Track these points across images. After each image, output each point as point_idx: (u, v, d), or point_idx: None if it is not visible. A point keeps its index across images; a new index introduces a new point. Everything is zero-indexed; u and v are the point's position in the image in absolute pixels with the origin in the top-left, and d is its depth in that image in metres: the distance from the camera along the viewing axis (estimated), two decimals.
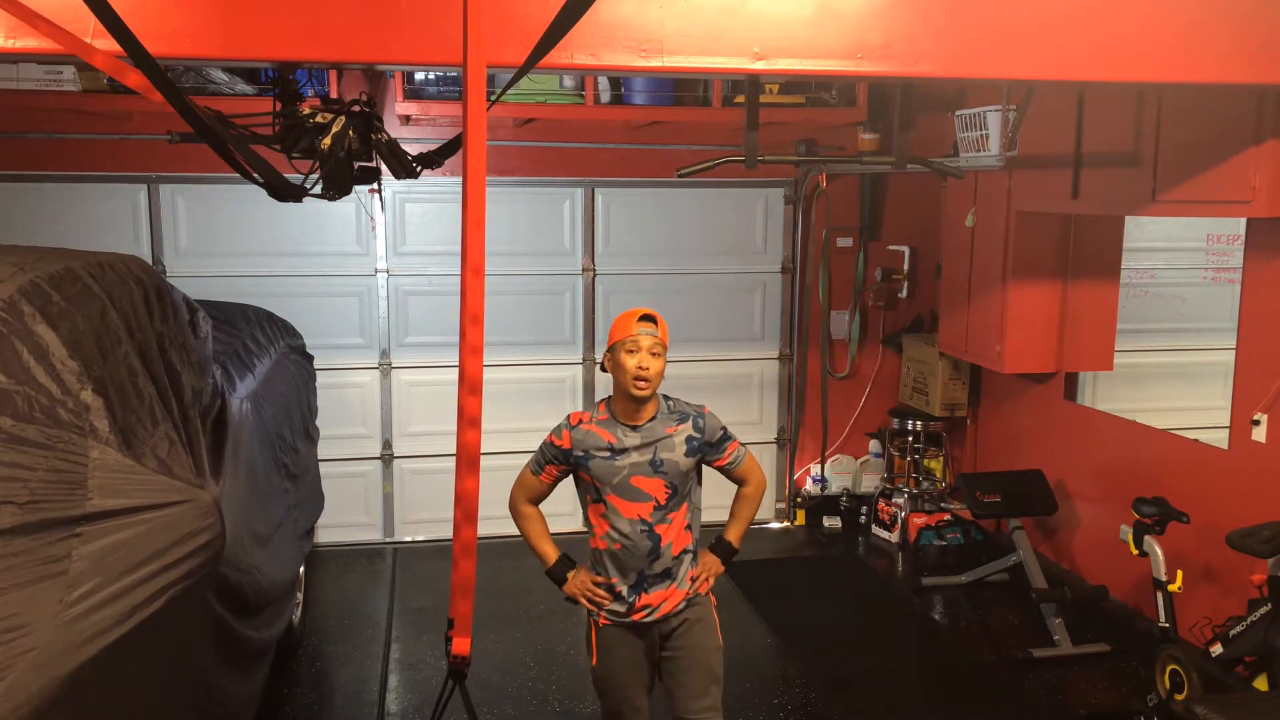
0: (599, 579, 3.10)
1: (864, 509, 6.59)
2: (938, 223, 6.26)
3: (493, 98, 2.79)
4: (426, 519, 6.26)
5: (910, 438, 6.39)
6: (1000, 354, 5.45)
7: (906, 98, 4.17)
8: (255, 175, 3.01)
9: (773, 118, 5.50)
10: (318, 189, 3.26)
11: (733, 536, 3.24)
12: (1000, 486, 5.31)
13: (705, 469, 3.20)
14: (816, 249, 6.48)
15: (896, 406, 6.60)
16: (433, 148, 3.45)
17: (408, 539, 6.26)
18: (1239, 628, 3.84)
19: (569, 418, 3.11)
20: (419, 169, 3.42)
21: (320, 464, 5.31)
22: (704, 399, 3.34)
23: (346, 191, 3.28)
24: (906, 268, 6.55)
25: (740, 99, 5.00)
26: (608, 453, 3.02)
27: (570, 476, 3.18)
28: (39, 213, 5.67)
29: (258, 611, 3.35)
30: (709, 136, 6.07)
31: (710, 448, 3.13)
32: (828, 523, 6.60)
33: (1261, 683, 3.79)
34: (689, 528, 3.12)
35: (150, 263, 5.15)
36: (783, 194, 6.45)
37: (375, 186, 5.08)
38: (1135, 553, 4.32)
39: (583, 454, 3.04)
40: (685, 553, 3.10)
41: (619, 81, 5.52)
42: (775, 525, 6.66)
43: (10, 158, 5.63)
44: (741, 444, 3.23)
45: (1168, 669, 4.14)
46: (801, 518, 6.64)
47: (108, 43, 2.29)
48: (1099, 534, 5.21)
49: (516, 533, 3.21)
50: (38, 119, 5.55)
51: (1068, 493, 5.45)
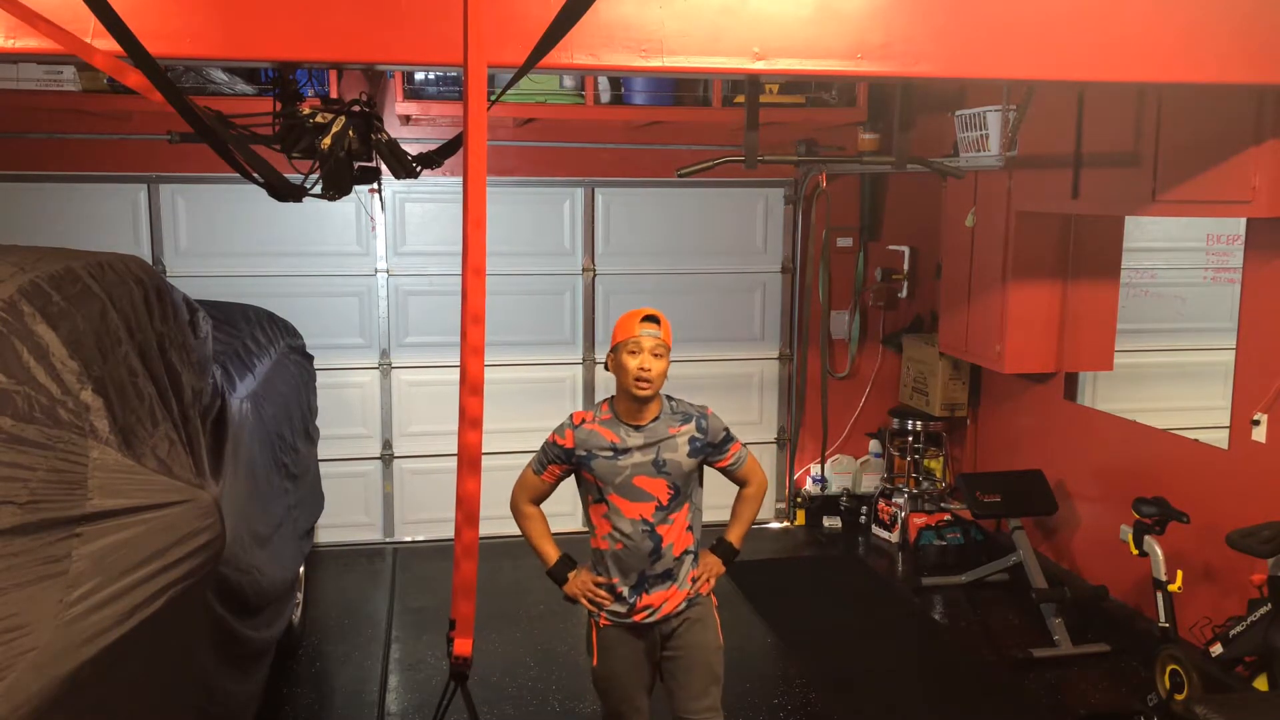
0: (600, 579, 3.10)
1: (864, 509, 6.59)
2: (938, 223, 6.26)
3: (493, 98, 2.79)
4: (426, 519, 6.26)
5: (910, 438, 6.39)
6: (1000, 354, 5.45)
7: (906, 98, 4.17)
8: (255, 175, 3.01)
9: (773, 118, 5.50)
10: (318, 189, 3.26)
11: (734, 537, 3.24)
12: (1000, 486, 5.31)
13: (707, 470, 3.20)
14: (816, 249, 6.48)
15: (896, 406, 6.60)
16: (433, 148, 3.45)
17: (408, 539, 6.27)
18: (1239, 628, 3.84)
19: (572, 417, 3.11)
20: (419, 169, 3.42)
21: (320, 464, 5.31)
22: (704, 399, 3.34)
23: (346, 191, 3.28)
24: (906, 268, 6.55)
25: (740, 99, 5.00)
26: (610, 452, 3.02)
27: (571, 476, 3.19)
28: (39, 213, 5.67)
29: (258, 611, 3.35)
30: (709, 136, 6.07)
31: (713, 449, 3.14)
32: (828, 523, 6.60)
33: (1261, 683, 3.79)
34: (690, 528, 3.12)
35: (150, 263, 5.15)
36: (783, 194, 6.45)
37: (375, 186, 5.06)
38: (1135, 553, 4.32)
39: (586, 454, 3.04)
40: (686, 553, 3.11)
41: (619, 81, 5.51)
42: (775, 525, 6.66)
43: (10, 158, 5.63)
44: (744, 445, 3.24)
45: (1168, 669, 4.14)
46: (801, 518, 6.64)
47: (108, 43, 2.29)
48: (1099, 534, 5.21)
49: (517, 533, 3.21)
50: (38, 119, 5.55)
51: (1068, 493, 5.45)
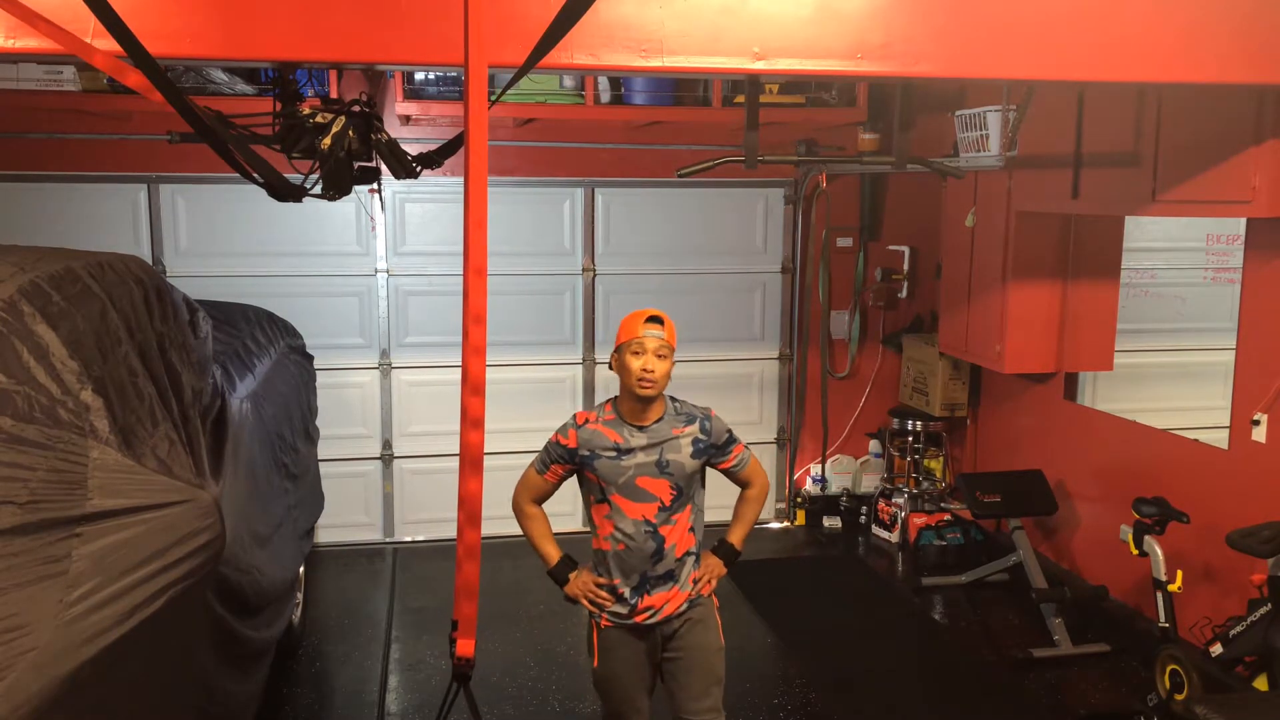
0: (601, 580, 3.09)
1: (864, 509, 6.59)
2: (938, 223, 6.26)
3: (493, 98, 2.79)
4: (426, 519, 6.26)
5: (910, 438, 6.39)
6: (1000, 354, 5.45)
7: (906, 98, 4.17)
8: (255, 175, 3.01)
9: (773, 118, 5.50)
10: (318, 189, 3.26)
11: (735, 539, 3.24)
12: (1000, 486, 5.31)
13: (709, 471, 3.20)
14: (816, 249, 6.48)
15: (896, 406, 6.60)
16: (433, 148, 3.45)
17: (408, 539, 6.27)
18: (1239, 628, 3.84)
19: (575, 417, 3.11)
20: (419, 169, 3.42)
21: (320, 464, 5.31)
22: (704, 399, 3.34)
23: (346, 191, 3.28)
24: (906, 268, 6.55)
25: (740, 99, 5.00)
26: (614, 453, 3.02)
27: (573, 477, 3.18)
28: (39, 213, 5.67)
29: (258, 611, 3.35)
30: (709, 136, 6.07)
31: (716, 450, 3.14)
32: (828, 523, 6.60)
33: (1261, 683, 3.79)
34: (692, 530, 3.12)
35: (150, 263, 5.15)
36: (783, 194, 6.45)
37: (375, 186, 5.08)
38: (1135, 553, 4.32)
39: (589, 454, 3.04)
40: (688, 554, 3.10)
41: (619, 81, 5.51)
42: (775, 525, 6.66)
43: (10, 158, 5.63)
44: (747, 446, 3.24)
45: (1168, 669, 4.14)
46: (801, 518, 6.64)
47: (108, 43, 2.28)
48: (1099, 534, 5.21)
49: (517, 533, 3.20)
50: (38, 119, 5.55)
51: (1068, 493, 5.45)
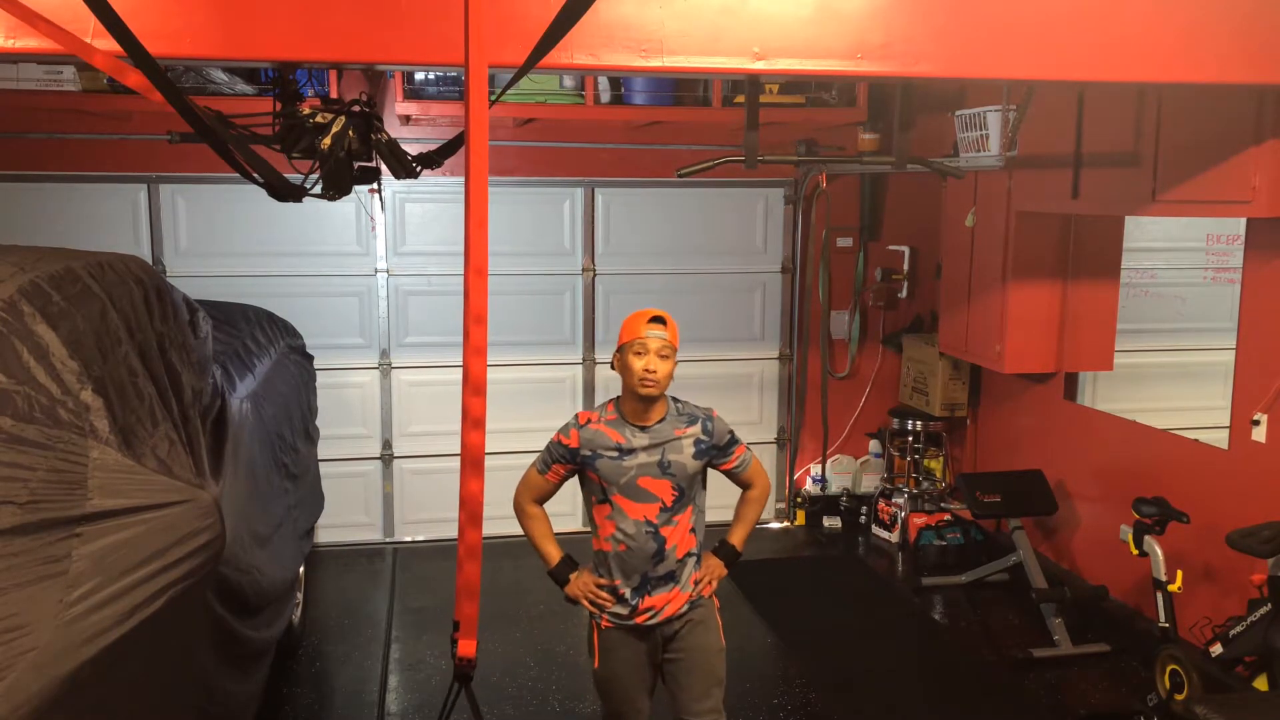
0: (602, 581, 3.09)
1: (864, 509, 6.59)
2: (938, 223, 6.26)
3: (493, 98, 2.79)
4: (426, 519, 6.26)
5: (910, 438, 6.39)
6: (1000, 354, 5.45)
7: (906, 98, 4.17)
8: (255, 175, 3.01)
9: (773, 118, 5.50)
10: (318, 189, 3.26)
11: (736, 540, 3.24)
12: (1000, 486, 5.31)
13: (710, 472, 3.19)
14: (816, 249, 6.48)
15: (896, 406, 6.60)
16: (433, 148, 3.45)
17: (408, 539, 6.27)
18: (1239, 628, 3.84)
19: (577, 417, 3.11)
20: (419, 169, 3.42)
21: (320, 464, 5.31)
22: (704, 399, 3.34)
23: (346, 191, 3.28)
24: (906, 268, 6.55)
25: (740, 99, 5.00)
26: (616, 453, 3.02)
27: (574, 477, 3.18)
28: (39, 213, 5.67)
29: (258, 611, 3.35)
30: (709, 136, 6.07)
31: (718, 451, 3.14)
32: (828, 523, 6.60)
33: (1261, 683, 3.79)
34: (693, 531, 3.11)
35: (150, 263, 5.15)
36: (783, 194, 6.45)
37: (375, 186, 5.08)
38: (1135, 553, 4.32)
39: (590, 454, 3.04)
40: (689, 556, 3.10)
41: (619, 81, 5.51)
42: (775, 525, 6.66)
43: (10, 158, 5.63)
44: (749, 448, 3.24)
45: (1168, 669, 4.14)
46: (801, 518, 6.64)
47: (108, 43, 2.28)
48: (1099, 534, 5.21)
49: (516, 533, 3.20)
50: (38, 119, 5.55)
51: (1068, 493, 5.45)
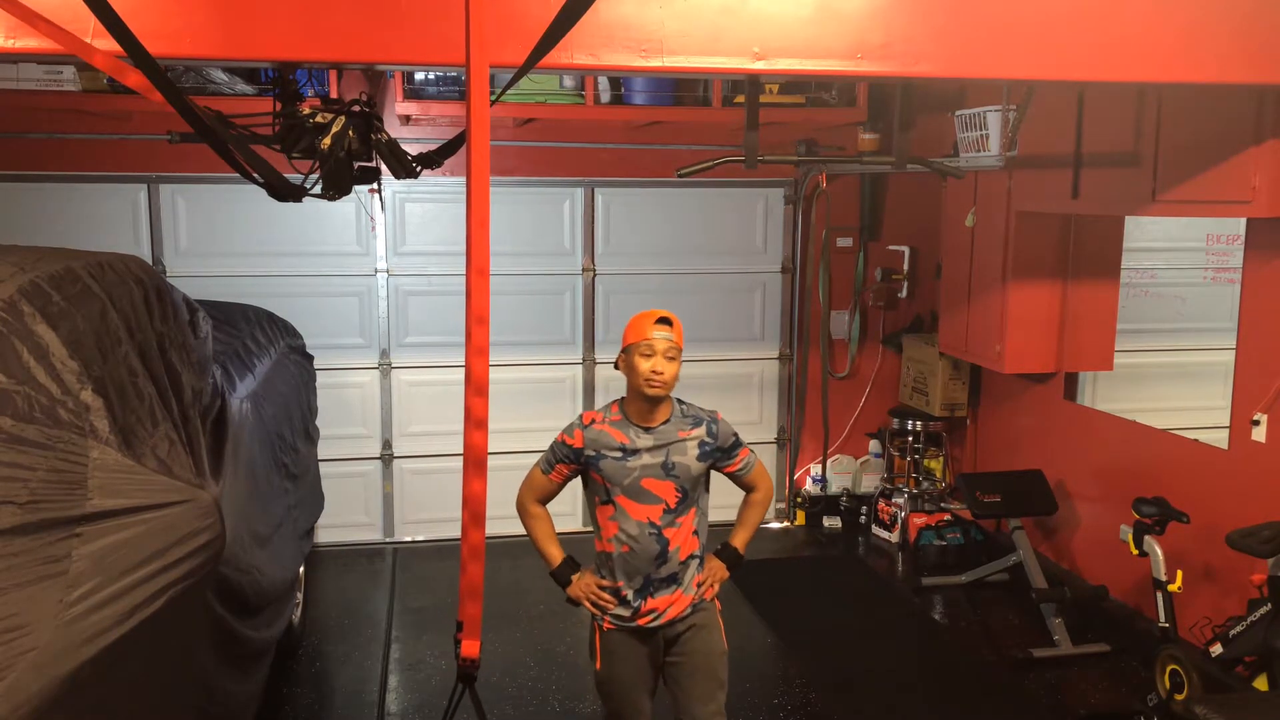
0: (604, 583, 3.08)
1: (864, 509, 6.59)
2: (938, 223, 6.26)
3: (493, 98, 2.79)
4: (426, 519, 6.26)
5: (910, 438, 6.39)
6: (1000, 354, 5.45)
7: (906, 98, 4.17)
8: (255, 175, 3.01)
9: (773, 118, 5.50)
10: (318, 189, 3.26)
11: (739, 542, 3.23)
12: (1000, 486, 5.31)
13: (713, 474, 3.19)
14: (816, 249, 6.48)
15: (896, 406, 6.60)
16: (433, 148, 3.45)
17: (408, 539, 6.26)
18: (1239, 628, 3.84)
19: (581, 417, 3.10)
20: (419, 169, 3.42)
21: (320, 464, 5.31)
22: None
23: (346, 191, 3.28)
24: (906, 268, 6.55)
25: (740, 99, 5.00)
26: (619, 453, 3.01)
27: (577, 478, 3.18)
28: (39, 213, 5.67)
29: (258, 611, 3.35)
30: (709, 136, 6.07)
31: (722, 453, 3.13)
32: (828, 523, 6.60)
33: (1261, 683, 3.79)
34: (696, 533, 3.11)
35: (150, 263, 5.15)
36: (783, 194, 6.45)
37: (375, 186, 5.08)
38: (1135, 553, 4.32)
39: (594, 454, 3.03)
40: (692, 558, 3.09)
41: (619, 81, 5.51)
42: (775, 525, 6.66)
43: (10, 158, 5.63)
44: (752, 451, 3.24)
45: (1168, 669, 4.14)
46: (801, 518, 6.64)
47: (108, 43, 2.28)
48: (1099, 534, 5.21)
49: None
50: (38, 119, 5.55)
51: (1068, 493, 5.45)
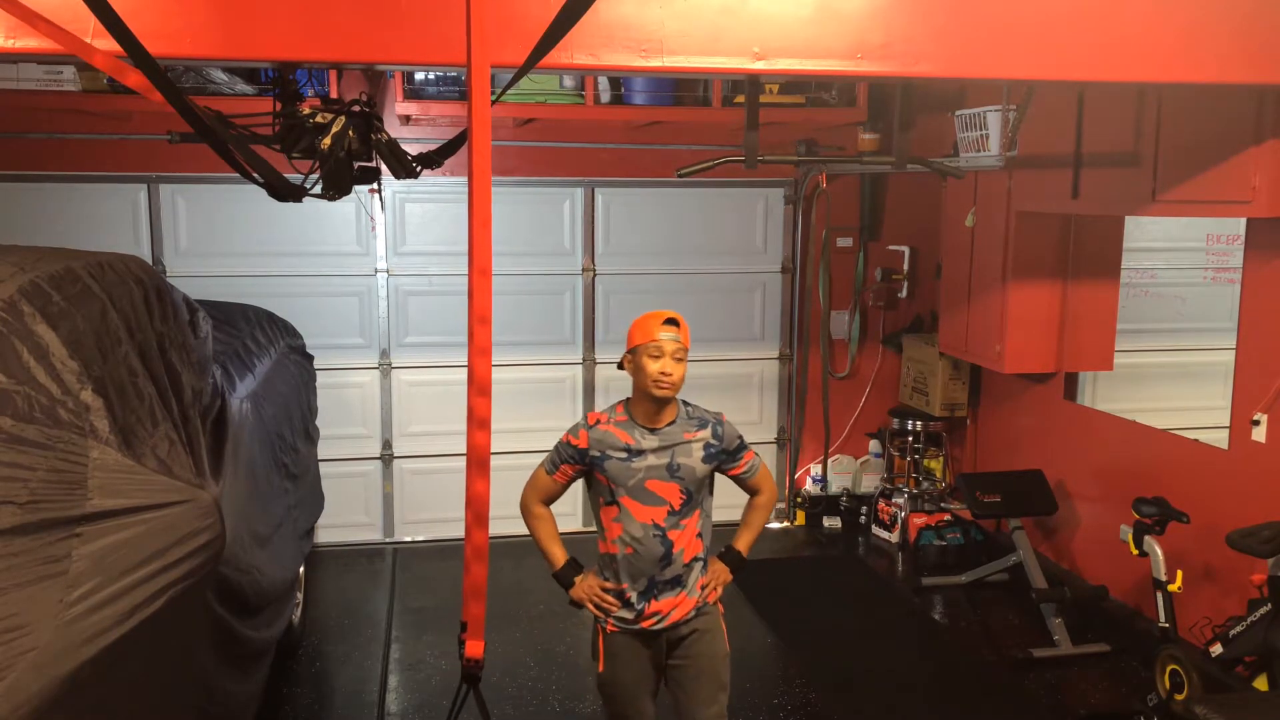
0: (608, 585, 3.07)
1: (864, 509, 6.59)
2: (938, 223, 6.26)
3: (493, 98, 2.79)
4: (427, 519, 6.26)
5: (910, 438, 6.39)
6: (1000, 354, 5.45)
7: (906, 98, 4.17)
8: (255, 175, 3.01)
9: (773, 118, 5.49)
10: (318, 189, 3.26)
11: (742, 545, 3.22)
12: (1000, 486, 5.31)
13: (717, 477, 3.19)
14: (816, 249, 6.48)
15: (896, 406, 6.60)
16: (433, 148, 3.45)
17: (408, 539, 6.26)
18: (1239, 628, 3.84)
19: (586, 417, 3.10)
20: (419, 169, 3.42)
21: (320, 464, 5.31)
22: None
23: (346, 191, 3.28)
24: (906, 268, 6.55)
25: (740, 99, 5.00)
26: (624, 454, 3.01)
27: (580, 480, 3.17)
28: (39, 213, 5.67)
29: (258, 611, 3.35)
30: (709, 136, 6.07)
31: (727, 456, 3.13)
32: (828, 523, 6.60)
33: (1261, 683, 3.79)
34: (700, 535, 3.10)
35: (150, 263, 5.15)
36: (783, 194, 6.45)
37: (375, 186, 5.07)
38: (1135, 553, 4.32)
39: (599, 454, 3.02)
40: (696, 560, 3.09)
41: (619, 81, 5.51)
42: (775, 525, 6.65)
43: (10, 158, 5.63)
44: (757, 454, 3.24)
45: (1168, 669, 4.14)
46: (801, 518, 6.64)
47: (108, 43, 2.28)
48: (1099, 534, 5.21)
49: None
50: (38, 119, 5.55)
51: (1068, 493, 5.45)
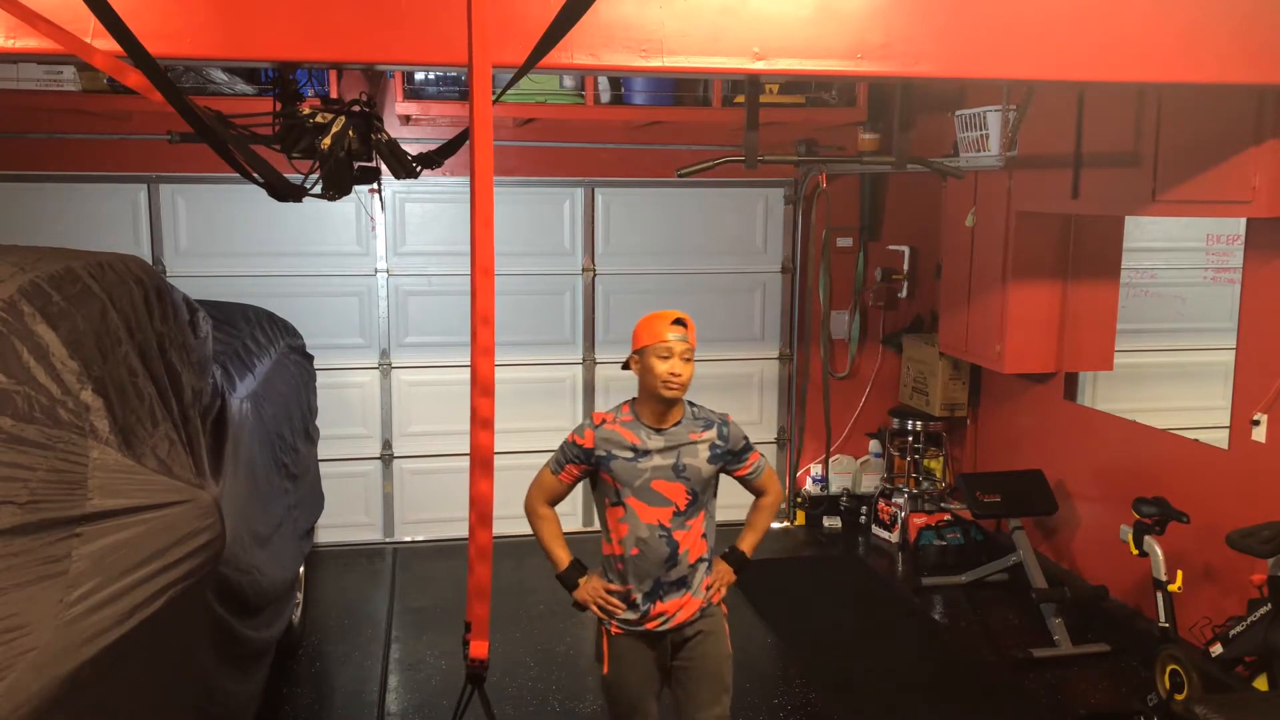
0: (613, 587, 3.07)
1: (864, 509, 6.60)
2: (938, 223, 6.26)
3: (493, 98, 2.79)
4: (426, 519, 6.26)
5: (910, 438, 6.39)
6: (1000, 354, 5.45)
7: (906, 98, 4.17)
8: (255, 175, 3.01)
9: (773, 118, 5.50)
10: (318, 189, 3.26)
11: (746, 546, 3.23)
12: (1000, 486, 5.31)
13: (720, 478, 3.18)
14: (816, 249, 6.48)
15: (896, 406, 6.60)
16: (433, 148, 3.45)
17: (408, 539, 6.27)
18: (1239, 628, 3.84)
19: (592, 417, 3.10)
20: (419, 169, 3.42)
21: (320, 464, 5.31)
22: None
23: (346, 191, 3.28)
24: (906, 268, 6.55)
25: (740, 99, 5.00)
26: (631, 453, 3.01)
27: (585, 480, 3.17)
28: (39, 213, 5.67)
29: (258, 611, 3.35)
30: (709, 136, 6.07)
31: (732, 456, 3.13)
32: (828, 523, 6.60)
33: (1261, 683, 3.79)
34: (705, 536, 3.10)
35: (150, 263, 5.15)
36: (783, 194, 6.45)
37: (375, 186, 5.07)
38: (1135, 553, 4.32)
39: (605, 454, 3.02)
40: (701, 561, 3.09)
41: (619, 81, 5.51)
42: (775, 525, 6.64)
43: (10, 158, 5.63)
44: (762, 454, 3.23)
45: (1168, 669, 4.14)
46: (801, 518, 6.64)
47: (108, 43, 2.29)
48: (1099, 534, 5.21)
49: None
50: (38, 119, 5.55)
51: (1068, 493, 5.45)
